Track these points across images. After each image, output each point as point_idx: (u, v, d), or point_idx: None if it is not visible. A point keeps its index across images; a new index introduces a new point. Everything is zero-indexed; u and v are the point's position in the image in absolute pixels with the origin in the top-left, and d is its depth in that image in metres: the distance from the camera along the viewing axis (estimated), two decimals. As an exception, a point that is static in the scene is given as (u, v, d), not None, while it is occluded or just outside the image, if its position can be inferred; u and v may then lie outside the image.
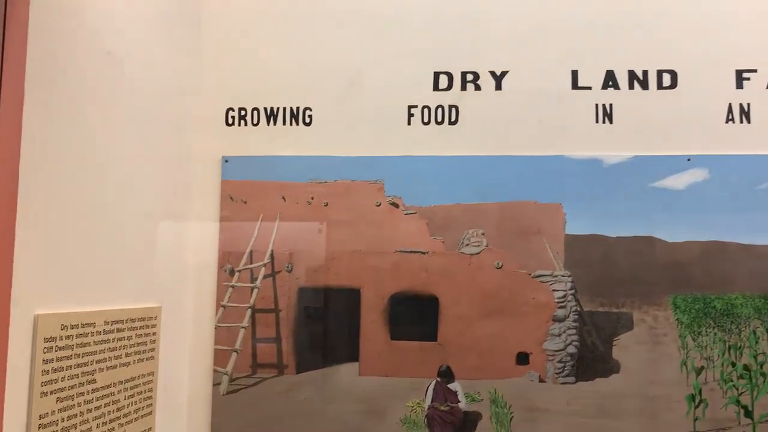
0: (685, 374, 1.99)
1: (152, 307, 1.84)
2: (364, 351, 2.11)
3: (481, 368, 2.06)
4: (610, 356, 2.02)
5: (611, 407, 2.00)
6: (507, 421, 2.02)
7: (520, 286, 2.07)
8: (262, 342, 2.14)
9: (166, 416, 1.94)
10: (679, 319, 2.01)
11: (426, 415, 2.06)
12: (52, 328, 1.36)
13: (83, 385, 1.48)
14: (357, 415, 2.07)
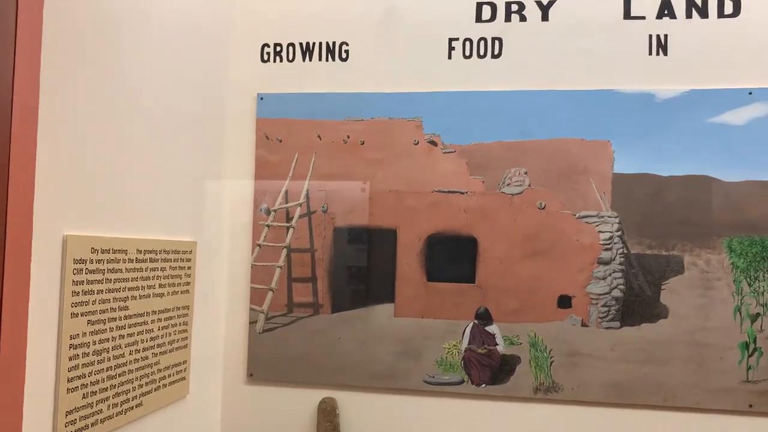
0: (739, 321, 1.88)
1: (187, 242, 1.83)
2: (400, 292, 2.06)
3: (520, 311, 1.99)
4: (657, 301, 1.92)
5: (658, 354, 1.91)
6: (547, 366, 1.96)
7: (563, 227, 1.98)
8: (298, 281, 2.11)
9: (202, 351, 1.95)
10: (734, 263, 1.89)
11: (462, 357, 2.01)
12: (82, 250, 1.36)
13: (115, 311, 1.48)
14: (392, 355, 2.04)
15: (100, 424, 1.43)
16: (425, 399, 2.03)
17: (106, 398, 1.45)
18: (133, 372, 1.57)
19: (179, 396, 1.81)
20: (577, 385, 1.95)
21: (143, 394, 1.61)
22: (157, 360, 1.68)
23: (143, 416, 1.63)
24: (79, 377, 1.35)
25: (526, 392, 1.97)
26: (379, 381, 2.05)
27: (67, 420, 1.32)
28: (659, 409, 1.91)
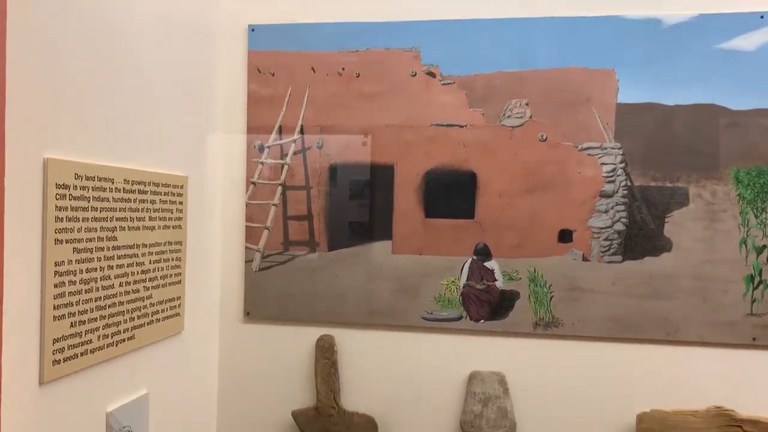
0: (744, 254, 1.84)
1: (179, 176, 1.78)
2: (398, 229, 2.02)
3: (520, 246, 1.95)
4: (661, 234, 1.87)
5: (660, 288, 1.87)
6: (546, 301, 1.93)
7: (565, 159, 1.92)
8: (294, 219, 2.07)
9: (197, 288, 1.92)
10: (740, 194, 1.83)
11: (461, 294, 1.98)
12: (65, 175, 1.31)
13: (102, 241, 1.44)
14: (390, 292, 2.01)
15: (90, 354, 1.41)
16: (423, 335, 2.01)
17: (96, 329, 1.42)
18: (124, 304, 1.54)
19: (174, 331, 1.79)
20: (578, 320, 1.92)
21: (135, 327, 1.59)
22: (149, 294, 1.65)
23: (136, 349, 1.61)
24: (66, 305, 1.32)
25: (525, 328, 1.95)
26: (376, 318, 2.02)
27: (54, 348, 1.29)
28: (662, 343, 1.89)
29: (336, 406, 2.02)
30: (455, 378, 1.99)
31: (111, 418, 1.49)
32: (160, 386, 1.72)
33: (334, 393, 2.02)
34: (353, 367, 2.04)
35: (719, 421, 1.83)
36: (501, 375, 1.96)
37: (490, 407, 1.95)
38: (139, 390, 1.63)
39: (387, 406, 2.02)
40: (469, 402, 1.96)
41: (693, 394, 1.86)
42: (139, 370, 1.63)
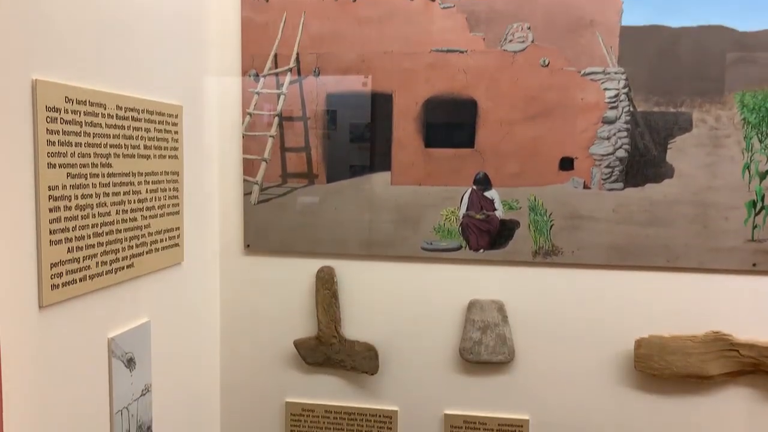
0: (747, 179, 1.82)
1: (172, 104, 1.75)
2: (397, 160, 2.00)
3: (520, 175, 1.93)
4: (663, 160, 1.85)
5: (661, 215, 1.86)
6: (546, 230, 1.92)
7: (567, 85, 1.88)
8: (291, 151, 2.05)
9: (195, 220, 1.91)
10: (745, 118, 1.80)
11: (461, 224, 1.97)
12: (55, 98, 1.28)
13: (97, 167, 1.42)
14: (389, 224, 2.00)
15: (89, 281, 1.41)
16: (423, 266, 2.01)
17: (94, 255, 1.42)
18: (122, 232, 1.53)
19: (173, 262, 1.79)
20: (578, 248, 1.91)
21: (134, 255, 1.59)
22: (147, 223, 1.64)
23: (136, 278, 1.61)
24: (62, 230, 1.31)
25: (524, 256, 1.94)
26: (376, 249, 2.02)
27: (52, 272, 1.29)
28: (662, 270, 1.89)
29: (337, 335, 2.04)
30: (454, 307, 2.01)
31: (113, 344, 1.50)
32: (161, 315, 1.73)
33: (335, 323, 2.04)
34: (353, 297, 2.05)
35: (717, 346, 1.85)
36: (500, 303, 1.97)
37: (489, 334, 1.97)
38: (141, 318, 1.64)
39: (387, 334, 2.04)
40: (468, 330, 1.98)
41: (692, 320, 1.88)
42: (140, 299, 1.64)
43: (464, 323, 1.99)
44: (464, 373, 2.02)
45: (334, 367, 2.08)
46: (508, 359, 1.97)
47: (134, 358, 1.60)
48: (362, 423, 2.08)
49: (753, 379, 1.87)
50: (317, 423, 2.10)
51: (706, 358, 1.85)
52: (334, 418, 2.09)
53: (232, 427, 2.16)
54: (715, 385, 1.89)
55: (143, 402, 1.65)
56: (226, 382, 2.14)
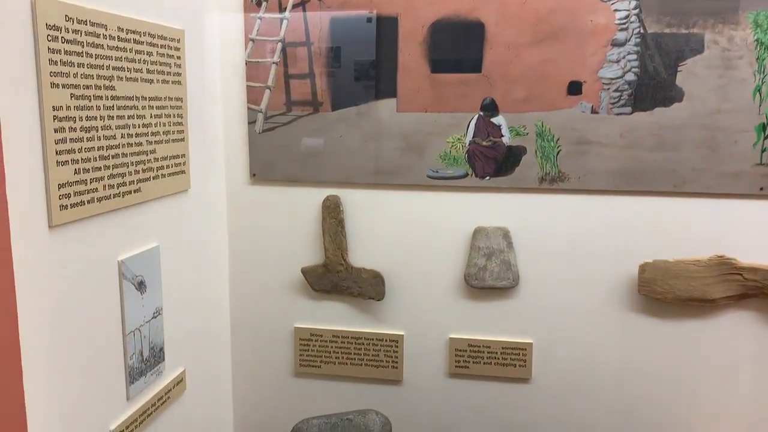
0: (758, 102, 1.79)
1: (174, 29, 1.72)
2: (402, 86, 1.97)
3: (528, 100, 1.90)
4: (673, 83, 1.82)
5: (670, 139, 1.84)
6: (553, 156, 1.91)
7: (576, 7, 1.83)
8: (295, 78, 2.02)
9: (201, 148, 1.90)
10: (758, 39, 1.76)
11: (467, 151, 1.96)
12: (55, 16, 1.26)
13: (100, 89, 1.41)
14: (395, 151, 1.99)
15: (97, 203, 1.42)
16: (428, 193, 2.01)
17: (101, 178, 1.42)
18: (128, 156, 1.53)
19: (180, 188, 1.79)
20: (584, 173, 1.91)
21: (141, 180, 1.59)
22: (152, 148, 1.64)
23: (144, 203, 1.62)
24: (68, 152, 1.31)
25: (531, 183, 1.94)
26: (382, 177, 2.02)
27: (60, 193, 1.30)
28: (668, 195, 1.88)
29: (344, 262, 2.07)
30: (460, 234, 2.02)
31: (123, 266, 1.52)
32: (170, 240, 1.75)
33: (341, 251, 2.06)
34: (360, 225, 2.07)
35: (720, 270, 1.86)
36: (505, 230, 1.98)
37: (494, 261, 1.99)
38: (150, 243, 1.66)
39: (393, 261, 2.06)
40: (473, 256, 2.00)
41: (697, 245, 1.88)
42: (148, 224, 1.65)
43: (469, 250, 2.01)
44: (469, 298, 2.05)
45: (341, 294, 2.11)
46: (512, 285, 2.00)
47: (144, 281, 1.62)
48: (369, 347, 2.13)
49: (755, 303, 1.89)
50: (325, 347, 2.15)
51: (710, 282, 1.87)
52: (341, 343, 2.14)
53: (242, 351, 2.21)
54: (718, 309, 1.91)
55: (155, 324, 1.69)
56: (236, 309, 2.18)
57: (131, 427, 1.59)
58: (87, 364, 1.43)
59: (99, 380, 1.47)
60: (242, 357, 2.22)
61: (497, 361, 2.06)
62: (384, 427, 1.71)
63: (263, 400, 2.23)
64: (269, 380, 2.21)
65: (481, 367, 2.07)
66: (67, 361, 1.36)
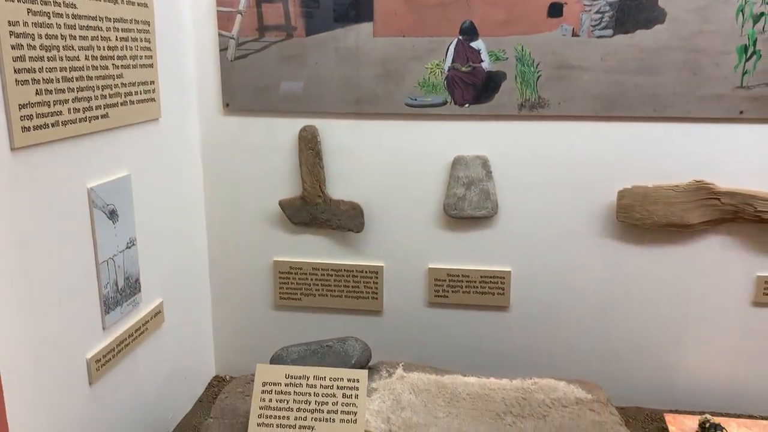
0: (741, 22, 1.76)
1: (137, -53, 1.64)
2: (379, 9, 1.90)
3: (508, 23, 1.85)
4: (655, 4, 1.78)
5: (651, 62, 1.81)
6: (533, 81, 1.88)
7: (558, -76, 1.77)
8: (267, 2, 1.94)
9: (171, 76, 1.84)
10: (743, -44, 1.72)
11: (446, 77, 1.92)
12: None
13: (60, 6, 1.34)
14: (372, 79, 1.94)
15: (62, 127, 1.36)
16: (407, 122, 1.98)
17: (65, 101, 1.37)
18: (93, 80, 1.47)
19: (150, 116, 1.74)
20: (564, 99, 1.88)
21: (108, 105, 1.53)
22: (119, 73, 1.58)
23: (112, 129, 1.57)
24: (28, 71, 1.26)
25: (510, 110, 1.91)
26: (359, 106, 1.97)
27: (22, 114, 1.24)
28: (649, 120, 1.87)
29: (322, 194, 2.04)
30: (439, 164, 1.99)
31: (93, 193, 1.48)
32: (141, 170, 1.70)
33: (319, 182, 2.03)
34: (337, 156, 2.03)
35: (698, 194, 1.86)
36: (484, 158, 1.96)
37: (473, 190, 1.97)
38: (121, 171, 1.62)
39: (372, 192, 2.04)
40: (453, 186, 1.98)
41: (676, 170, 1.88)
42: (118, 152, 1.60)
43: (448, 180, 1.99)
44: (448, 228, 2.04)
45: (320, 227, 2.09)
46: (491, 214, 1.99)
47: (116, 210, 1.59)
48: (349, 279, 2.12)
49: (731, 227, 1.90)
50: (305, 280, 2.14)
51: (688, 207, 1.87)
52: (321, 275, 2.13)
53: (221, 285, 2.20)
54: (695, 234, 1.92)
55: (129, 255, 1.66)
56: (213, 242, 2.16)
57: (108, 356, 1.58)
58: (60, 294, 1.40)
59: (73, 309, 1.45)
60: (221, 290, 2.20)
61: (476, 290, 2.07)
62: (363, 352, 1.72)
63: (243, 332, 2.23)
64: (249, 313, 2.21)
65: (460, 296, 2.08)
66: (39, 290, 1.34)
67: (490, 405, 1.68)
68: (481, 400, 1.69)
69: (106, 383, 1.59)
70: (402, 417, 1.61)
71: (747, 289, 1.94)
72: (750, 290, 1.94)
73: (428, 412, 1.64)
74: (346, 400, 1.46)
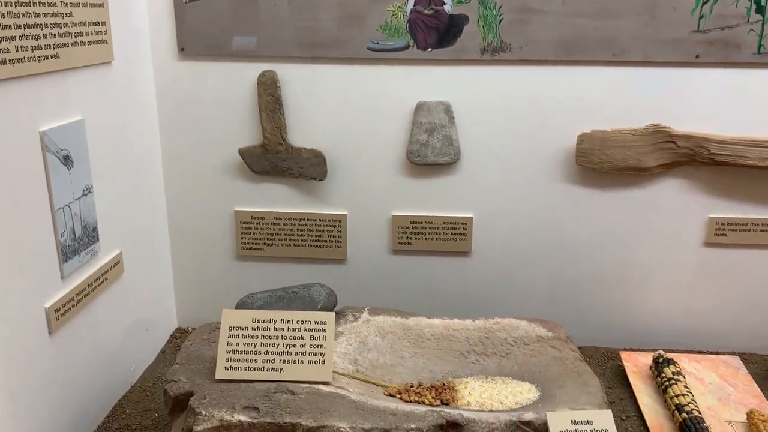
0: (699, -35, 1.78)
1: None
2: (339, -50, 1.86)
3: (470, -35, 1.83)
4: (616, -54, 1.78)
5: (610, 5, 1.82)
6: (495, 24, 1.86)
7: None
8: (223, -58, 1.87)
9: (122, 17, 1.76)
10: None
11: (408, 20, 1.89)
12: None
13: (1, -65, 1.27)
14: (333, 22, 1.90)
15: (10, 65, 1.30)
16: (369, 67, 1.95)
17: (11, 38, 1.30)
18: (41, 17, 1.40)
19: (102, 59, 1.67)
20: (526, 43, 1.88)
21: (58, 45, 1.46)
22: (68, 11, 1.50)
23: (63, 71, 1.50)
24: (-30, 3, 1.19)
25: (473, 54, 1.90)
26: (320, 51, 1.93)
27: (-34, 49, 1.18)
28: (607, 64, 1.88)
29: (283, 142, 2.01)
30: (402, 110, 1.98)
31: (45, 137, 1.43)
32: (95, 115, 1.64)
33: (280, 130, 2.00)
34: (298, 102, 1.99)
35: (655, 138, 1.90)
36: (447, 104, 1.96)
37: (436, 136, 1.97)
38: (74, 116, 1.56)
39: (334, 139, 2.02)
40: (415, 132, 1.98)
41: (634, 114, 1.91)
42: (70, 95, 1.54)
43: (411, 126, 1.98)
44: (411, 175, 2.04)
45: (281, 175, 2.06)
46: (454, 160, 2.00)
47: (71, 155, 1.53)
48: (312, 228, 2.11)
49: (686, 170, 1.96)
50: (267, 230, 2.12)
51: (645, 151, 1.91)
52: (284, 225, 2.12)
53: (181, 235, 2.16)
54: (652, 177, 1.97)
55: (86, 203, 1.61)
56: (171, 192, 2.11)
57: (68, 306, 1.54)
58: (14, 241, 1.36)
59: (30, 257, 1.41)
60: (181, 241, 2.17)
61: (439, 237, 2.09)
62: (329, 298, 1.72)
63: (205, 284, 2.21)
64: (210, 264, 2.18)
65: (423, 242, 2.10)
66: (-9, 234, 1.29)
67: (455, 345, 1.72)
68: (446, 340, 1.72)
69: (67, 333, 1.56)
70: (369, 358, 1.63)
71: (700, 230, 2.01)
72: (702, 231, 2.01)
73: (394, 353, 1.67)
74: (314, 342, 1.47)
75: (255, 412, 1.31)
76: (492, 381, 1.59)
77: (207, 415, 1.30)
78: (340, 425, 1.27)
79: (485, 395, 1.52)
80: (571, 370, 1.58)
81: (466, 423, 1.30)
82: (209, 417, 1.30)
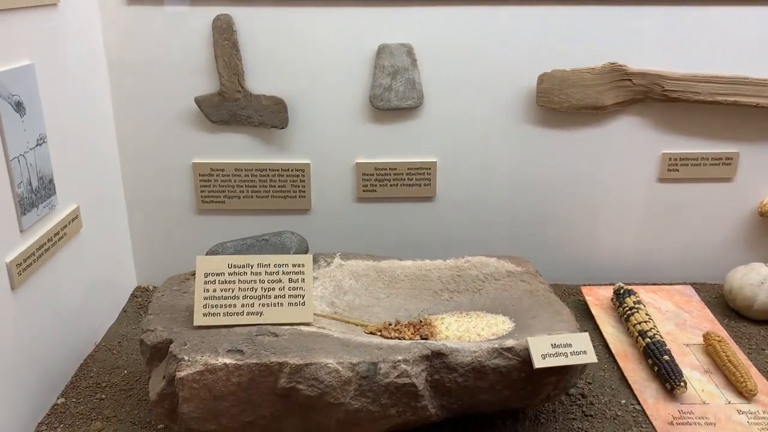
0: None
1: None
2: None
3: None
4: None
5: (569, -56, 1.84)
6: (456, -36, 1.85)
7: None
8: None
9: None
10: None
11: (368, -40, 1.85)
12: None
13: None
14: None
15: (-46, 0, 1.21)
16: (329, 9, 1.90)
17: (-46, -31, 1.21)
18: (-18, -50, 1.30)
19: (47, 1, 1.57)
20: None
21: (1, -18, 1.37)
22: (10, -55, 1.40)
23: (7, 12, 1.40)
24: None
25: (434, -6, 1.88)
26: (277, -7, 1.88)
27: None
28: (566, 3, 1.90)
29: (241, 89, 1.95)
30: (364, 53, 1.95)
31: (-4, 81, 1.34)
32: (44, 60, 1.55)
33: (237, 76, 1.94)
34: (256, 47, 1.93)
35: (612, 77, 1.95)
36: (409, 46, 1.94)
37: (399, 80, 1.96)
38: (22, 60, 1.46)
39: (295, 85, 1.97)
40: (378, 76, 1.95)
41: (593, 53, 1.94)
42: (17, 38, 1.45)
43: (374, 70, 1.96)
44: (374, 121, 2.03)
45: (241, 124, 2.01)
46: (417, 104, 1.99)
47: (23, 102, 1.44)
48: (274, 178, 2.07)
49: (641, 108, 2.01)
50: (228, 182, 2.07)
51: (602, 89, 1.95)
52: (245, 176, 2.07)
53: (137, 191, 2.08)
54: (608, 115, 2.02)
55: (40, 153, 1.53)
56: (125, 144, 2.02)
57: (29, 260, 1.47)
58: (-30, 189, 1.28)
59: (-13, 208, 1.34)
60: (137, 196, 2.09)
61: (403, 183, 2.09)
62: (301, 244, 1.71)
63: (164, 241, 2.14)
64: (169, 220, 2.12)
65: (387, 189, 2.10)
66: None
67: (428, 284, 1.74)
68: (419, 280, 1.74)
69: (29, 289, 1.49)
70: (345, 300, 1.64)
71: (654, 167, 2.08)
72: (656, 167, 2.08)
73: (370, 294, 1.68)
74: (293, 285, 1.45)
75: (240, 354, 1.29)
76: (467, 315, 1.62)
77: (190, 360, 1.28)
78: (328, 361, 1.27)
79: (462, 329, 1.55)
80: (543, 301, 1.63)
81: (450, 352, 1.32)
82: (192, 362, 1.28)
